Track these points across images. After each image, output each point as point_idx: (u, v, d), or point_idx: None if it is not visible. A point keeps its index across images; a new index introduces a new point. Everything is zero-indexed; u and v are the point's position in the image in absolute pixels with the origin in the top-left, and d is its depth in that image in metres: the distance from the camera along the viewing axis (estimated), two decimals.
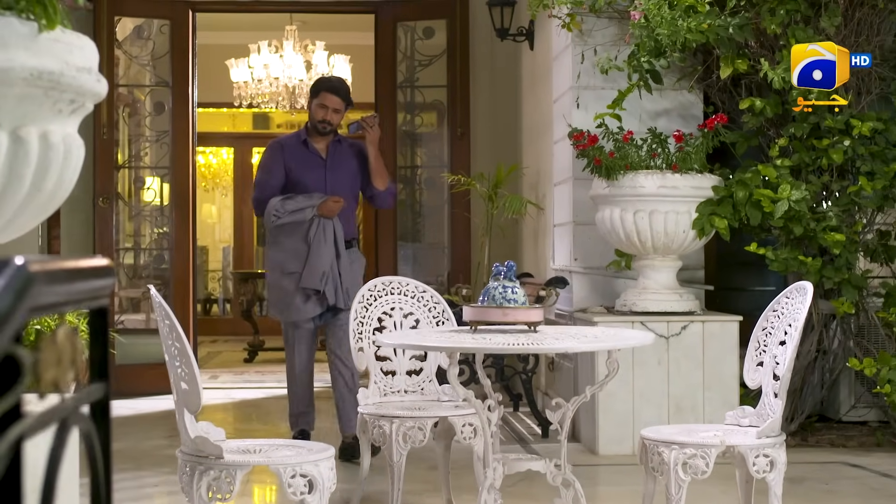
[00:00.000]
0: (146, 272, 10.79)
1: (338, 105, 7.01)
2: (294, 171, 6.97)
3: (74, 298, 1.61)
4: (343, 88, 7.11)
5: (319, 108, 6.98)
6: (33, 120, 2.54)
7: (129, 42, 10.55)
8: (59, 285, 1.52)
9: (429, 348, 4.34)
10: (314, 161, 7.01)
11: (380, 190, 7.14)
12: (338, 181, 6.99)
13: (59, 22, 2.57)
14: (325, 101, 6.98)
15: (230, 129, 17.59)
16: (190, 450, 4.12)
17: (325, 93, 7.01)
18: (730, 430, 4.67)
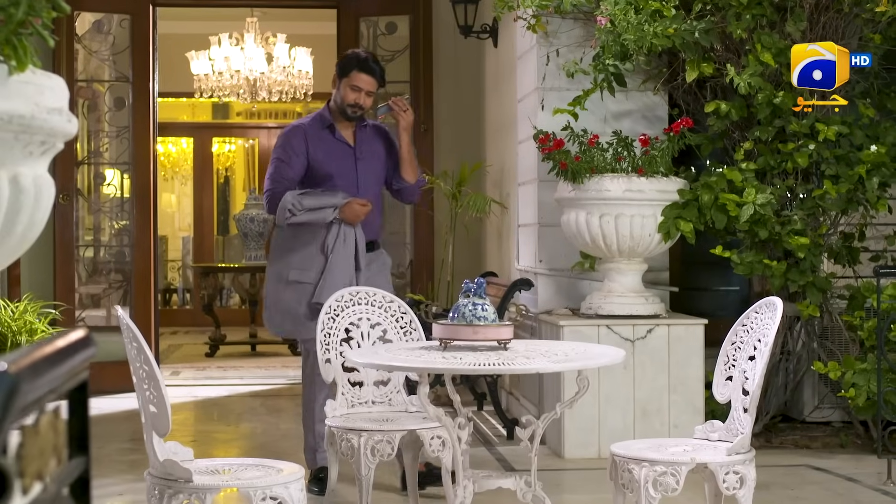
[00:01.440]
0: (107, 268, 10.70)
1: (371, 86, 6.16)
2: (319, 162, 6.16)
3: (57, 385, 1.58)
4: (378, 67, 6.21)
5: (351, 90, 6.11)
6: (2, 163, 2.49)
7: (88, 37, 10.44)
8: (42, 377, 1.49)
9: (399, 369, 4.31)
10: (342, 150, 6.21)
11: (409, 183, 6.34)
12: (369, 172, 6.25)
13: (30, 62, 2.52)
14: (358, 82, 6.11)
15: (189, 118, 17.48)
16: (159, 472, 4.08)
17: (357, 72, 6.12)
18: (699, 444, 4.66)
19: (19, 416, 1.36)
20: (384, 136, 6.38)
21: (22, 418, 1.39)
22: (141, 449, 7.05)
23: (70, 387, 1.68)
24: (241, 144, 17.84)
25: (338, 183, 6.13)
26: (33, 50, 2.57)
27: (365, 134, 6.28)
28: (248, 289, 13.67)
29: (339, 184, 6.12)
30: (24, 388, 1.35)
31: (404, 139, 6.23)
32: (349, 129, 6.25)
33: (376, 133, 6.36)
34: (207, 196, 17.40)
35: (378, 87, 6.22)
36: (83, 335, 1.80)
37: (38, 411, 1.50)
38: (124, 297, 10.46)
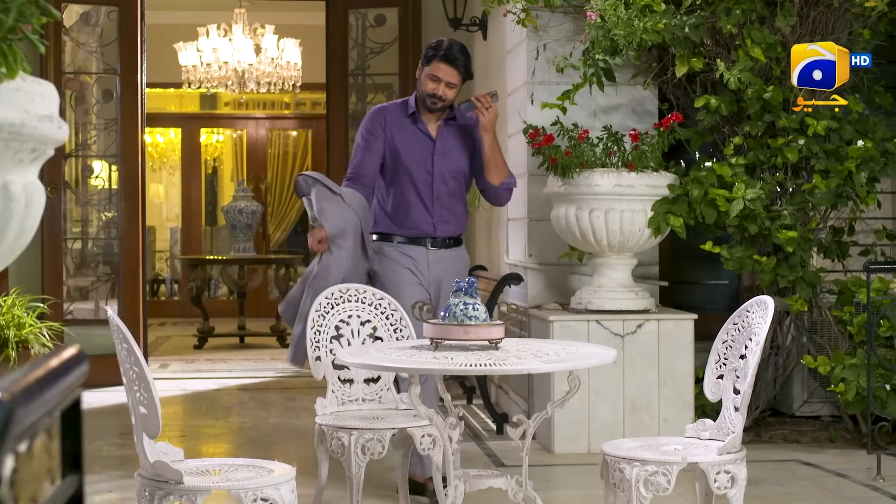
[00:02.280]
0: (95, 260, 10.67)
1: (453, 79, 5.79)
2: (397, 150, 5.86)
3: (51, 407, 1.56)
4: (462, 59, 5.80)
5: (430, 80, 5.78)
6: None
7: (76, 29, 10.40)
8: (37, 401, 1.48)
9: (391, 369, 4.30)
10: (421, 142, 5.89)
11: (492, 184, 5.96)
12: (447, 167, 5.89)
13: (20, 68, 2.50)
14: (438, 72, 5.77)
15: (177, 108, 17.44)
16: (149, 474, 4.07)
17: (438, 62, 5.77)
18: (690, 443, 4.66)
19: (15, 444, 1.35)
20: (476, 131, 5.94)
21: (17, 445, 1.38)
22: (129, 444, 7.03)
23: (63, 407, 1.66)
24: (229, 135, 17.80)
25: (412, 175, 5.86)
26: (23, 55, 2.55)
27: (451, 128, 5.94)
28: (236, 280, 13.64)
29: (414, 176, 5.86)
30: (20, 415, 1.34)
31: (485, 139, 5.81)
32: (434, 122, 5.93)
33: (467, 128, 5.98)
34: (195, 186, 17.35)
35: (462, 80, 5.85)
36: (75, 353, 1.79)
37: (32, 435, 1.49)
38: (112, 289, 10.43)
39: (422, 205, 5.89)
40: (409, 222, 5.91)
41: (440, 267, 5.90)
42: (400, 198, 5.91)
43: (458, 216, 6.00)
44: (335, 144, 10.66)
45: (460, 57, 5.77)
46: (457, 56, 5.76)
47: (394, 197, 5.92)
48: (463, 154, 5.94)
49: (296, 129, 17.64)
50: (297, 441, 7.65)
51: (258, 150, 17.43)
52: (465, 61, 5.79)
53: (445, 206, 5.90)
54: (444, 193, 5.89)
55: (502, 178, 5.94)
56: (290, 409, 8.81)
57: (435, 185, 5.88)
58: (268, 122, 17.50)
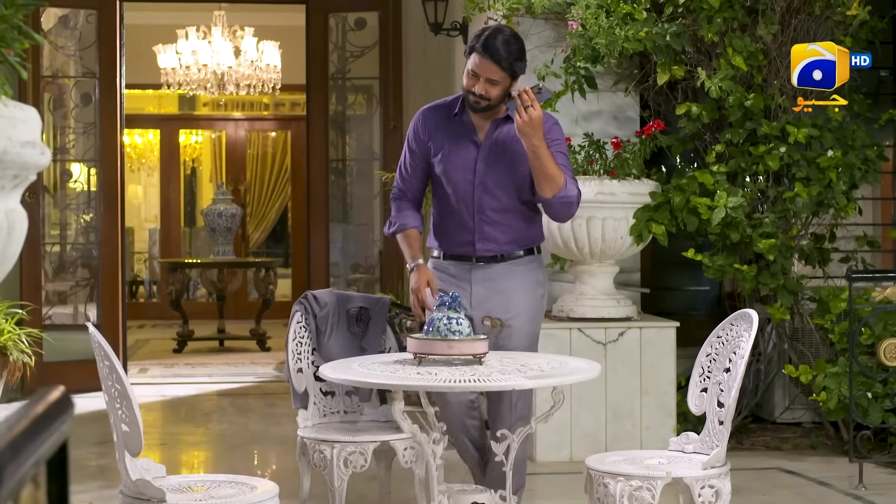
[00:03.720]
0: (74, 264, 10.61)
1: (494, 74, 4.74)
2: (438, 154, 4.97)
3: (39, 456, 1.54)
4: (504, 51, 4.71)
5: (469, 76, 4.80)
6: None
7: (54, 32, 10.34)
8: (24, 453, 1.45)
9: (373, 385, 4.27)
10: (464, 145, 4.93)
11: (545, 197, 4.81)
12: (493, 177, 4.91)
13: (3, 93, 2.47)
14: (476, 68, 4.75)
15: (156, 110, 17.37)
16: (131, 492, 4.04)
17: (478, 56, 4.74)
18: (674, 457, 4.66)
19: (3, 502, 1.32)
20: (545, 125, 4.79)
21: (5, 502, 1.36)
22: (109, 453, 7.03)
23: (50, 453, 1.64)
24: (207, 136, 17.75)
25: (454, 184, 4.95)
26: (5, 79, 2.52)
27: (503, 129, 4.91)
28: (215, 283, 13.59)
29: (455, 185, 4.95)
30: (8, 473, 1.32)
31: (526, 144, 4.66)
32: (485, 122, 4.94)
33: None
34: (174, 188, 17.28)
35: (508, 76, 4.77)
36: (60, 395, 1.76)
37: (19, 488, 1.46)
38: (91, 293, 10.38)
39: (461, 219, 4.98)
40: (450, 238, 5.06)
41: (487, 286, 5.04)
42: (442, 210, 5.05)
43: (510, 232, 4.99)
44: (315, 148, 10.63)
45: (502, 49, 4.71)
46: (497, 48, 4.70)
47: (437, 209, 5.09)
48: (516, 161, 4.87)
49: (275, 130, 17.60)
50: (278, 449, 7.62)
51: (237, 151, 17.38)
52: (508, 54, 4.72)
53: (492, 222, 4.94)
54: (490, 208, 4.92)
55: (555, 190, 4.75)
56: (271, 416, 8.77)
57: (476, 197, 4.92)
58: (247, 124, 17.45)
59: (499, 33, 4.78)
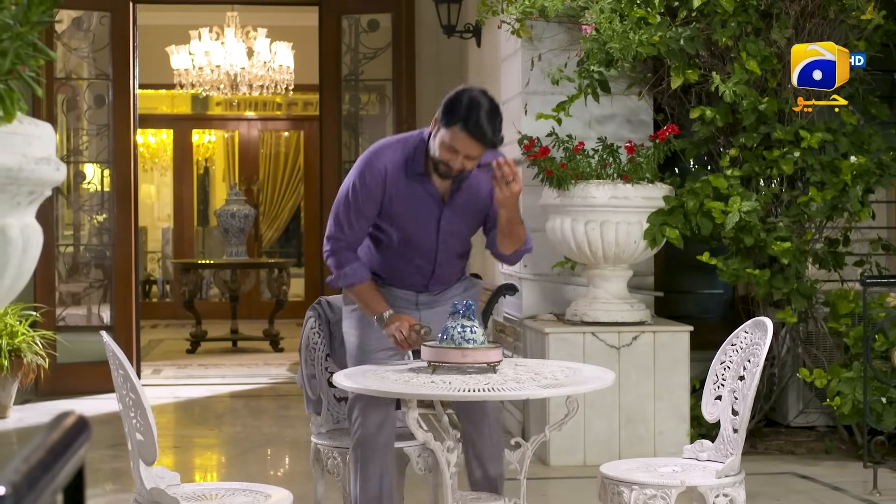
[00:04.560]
0: (87, 266, 10.62)
1: (475, 152, 4.46)
2: (394, 216, 4.72)
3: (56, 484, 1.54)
4: (490, 131, 4.40)
5: (446, 149, 4.46)
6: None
7: (67, 34, 10.36)
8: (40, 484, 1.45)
9: (387, 394, 4.27)
10: (426, 204, 4.68)
11: (503, 253, 4.79)
12: (453, 231, 4.76)
13: (17, 110, 2.47)
14: (458, 145, 4.44)
15: (169, 109, 17.39)
16: (145, 501, 4.04)
17: (462, 133, 4.40)
18: (688, 465, 4.65)
19: None
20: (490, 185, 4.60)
21: None
22: (122, 456, 7.04)
23: (66, 481, 1.64)
24: (220, 135, 17.77)
25: (413, 242, 4.77)
26: (20, 95, 2.52)
27: (464, 186, 4.70)
28: (228, 283, 13.60)
29: (415, 243, 4.77)
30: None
31: (502, 216, 4.57)
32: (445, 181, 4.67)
33: (480, 181, 4.70)
34: (187, 187, 17.30)
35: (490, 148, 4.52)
36: (75, 420, 1.76)
37: None
38: (105, 294, 10.39)
39: (419, 271, 4.87)
40: (400, 278, 4.90)
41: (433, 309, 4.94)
42: (391, 257, 4.86)
43: (458, 269, 4.99)
44: (328, 149, 10.63)
45: (487, 128, 4.40)
46: (483, 128, 4.39)
47: (384, 254, 4.88)
48: (474, 213, 4.77)
49: (287, 130, 17.62)
50: (291, 452, 7.63)
51: (250, 150, 17.39)
52: (493, 131, 4.43)
53: (445, 266, 4.87)
54: (447, 259, 4.84)
55: (517, 246, 4.76)
56: (284, 418, 8.78)
57: (439, 253, 4.80)
58: (259, 123, 17.46)
59: (479, 107, 4.41)
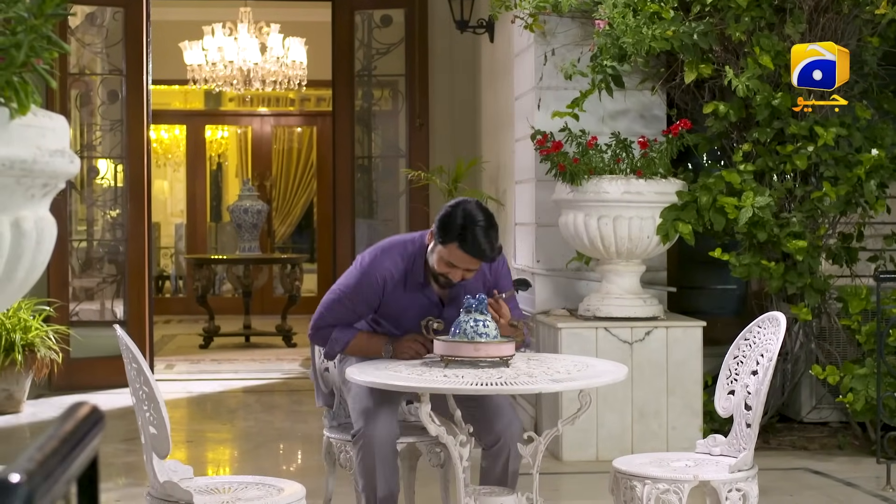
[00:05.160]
0: (101, 261, 10.65)
1: (473, 265, 4.61)
2: (392, 310, 4.81)
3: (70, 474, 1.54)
4: (490, 249, 4.54)
5: (445, 265, 4.60)
6: (5, 208, 2.45)
7: (81, 29, 10.37)
8: (55, 474, 1.45)
9: (400, 388, 4.28)
10: (425, 306, 4.78)
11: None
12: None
13: (32, 103, 2.47)
14: (456, 261, 4.58)
15: (182, 105, 17.40)
16: (159, 494, 4.05)
17: (459, 251, 4.53)
18: (701, 459, 4.65)
19: None
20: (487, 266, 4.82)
21: None
22: (135, 450, 7.05)
23: (80, 471, 1.64)
24: (233, 131, 17.78)
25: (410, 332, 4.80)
26: (34, 88, 2.53)
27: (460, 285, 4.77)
28: (241, 279, 13.62)
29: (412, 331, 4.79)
30: (39, 495, 1.32)
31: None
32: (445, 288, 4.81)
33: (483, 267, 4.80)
34: (200, 183, 17.32)
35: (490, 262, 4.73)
36: (89, 411, 1.77)
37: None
38: (118, 289, 10.41)
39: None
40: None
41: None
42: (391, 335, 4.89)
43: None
44: (341, 145, 10.63)
45: (486, 246, 4.52)
46: (482, 247, 4.52)
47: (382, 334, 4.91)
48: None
49: (300, 126, 17.63)
50: (304, 447, 7.64)
51: (263, 146, 17.40)
52: (492, 249, 4.55)
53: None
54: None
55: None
56: (296, 413, 8.79)
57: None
58: (272, 119, 17.47)
59: (474, 224, 4.51)
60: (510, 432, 4.66)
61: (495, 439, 4.64)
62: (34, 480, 1.32)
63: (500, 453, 4.66)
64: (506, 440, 4.64)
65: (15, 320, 8.65)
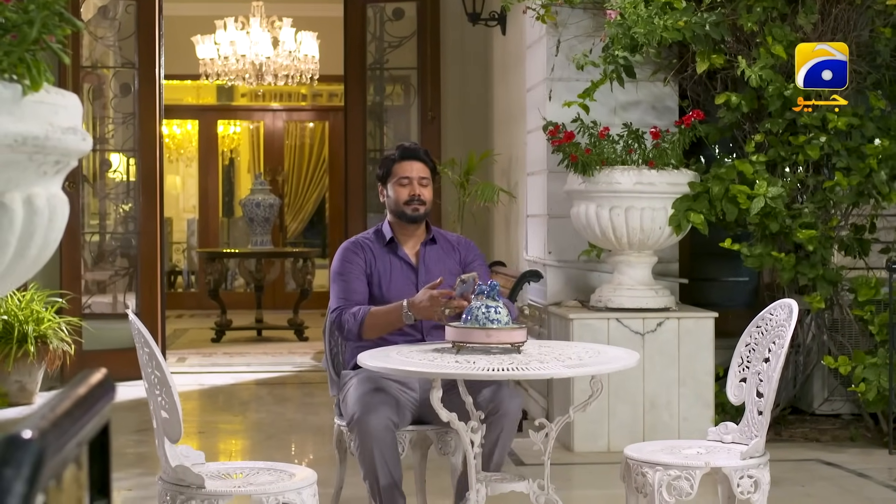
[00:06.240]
0: (113, 254, 10.67)
1: (422, 171, 5.06)
2: (376, 285, 5.03)
3: (81, 438, 1.54)
4: (422, 149, 5.19)
5: (401, 185, 5.03)
6: (17, 185, 2.45)
7: (93, 22, 10.39)
8: (66, 435, 1.46)
9: (412, 374, 4.28)
10: (403, 272, 5.06)
11: None
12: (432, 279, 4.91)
13: (44, 80, 2.48)
14: (406, 172, 5.04)
15: (194, 100, 17.42)
16: (171, 478, 4.06)
17: (402, 162, 5.06)
18: (713, 447, 4.64)
19: (46, 482, 1.33)
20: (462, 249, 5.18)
21: (48, 482, 1.36)
22: (148, 441, 7.07)
23: (92, 436, 1.65)
24: (245, 126, 17.80)
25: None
26: (46, 66, 2.53)
27: (432, 251, 5.12)
28: (253, 273, 13.65)
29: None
30: (50, 454, 1.32)
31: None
32: (412, 241, 5.13)
33: (450, 248, 5.17)
34: (212, 178, 17.34)
35: (432, 172, 5.13)
36: (102, 378, 1.77)
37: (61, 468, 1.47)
38: (130, 283, 10.43)
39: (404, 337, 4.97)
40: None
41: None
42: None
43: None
44: (353, 139, 10.64)
45: (418, 148, 5.17)
46: (416, 149, 5.14)
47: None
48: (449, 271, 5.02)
49: (312, 121, 17.64)
50: (315, 438, 7.65)
51: (275, 141, 17.42)
52: (426, 152, 5.17)
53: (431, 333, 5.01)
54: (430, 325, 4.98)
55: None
56: (308, 405, 8.80)
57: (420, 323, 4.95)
58: (285, 114, 17.49)
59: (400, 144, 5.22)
60: (510, 403, 4.64)
61: (494, 408, 4.61)
62: (46, 438, 1.33)
63: (496, 423, 4.62)
64: (504, 409, 4.60)
65: (28, 312, 8.66)
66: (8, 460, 1.25)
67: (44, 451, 1.29)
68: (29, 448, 1.27)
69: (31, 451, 1.26)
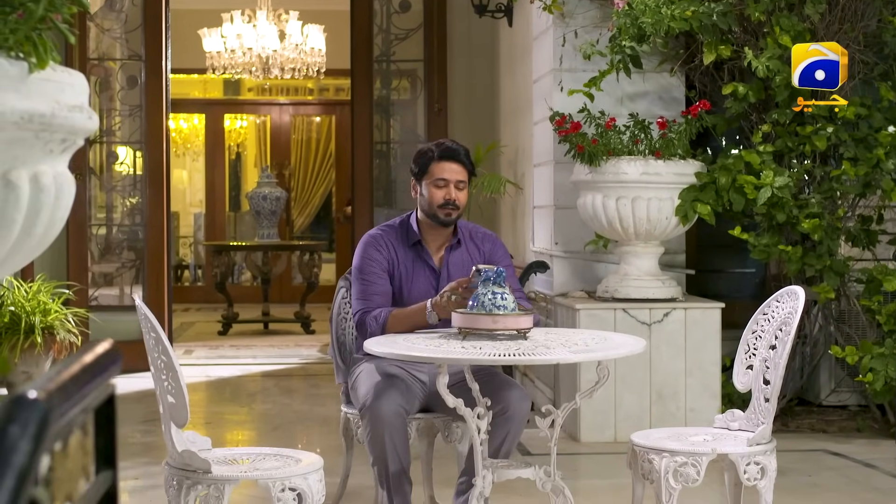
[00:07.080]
0: (120, 246, 10.67)
1: (461, 175, 4.84)
2: (398, 279, 4.91)
3: (86, 403, 1.55)
4: (462, 149, 4.92)
5: (437, 187, 4.81)
6: (23, 162, 2.46)
7: (100, 15, 10.39)
8: (72, 399, 1.46)
9: (418, 359, 4.28)
10: (423, 273, 4.93)
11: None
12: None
13: (50, 58, 2.48)
14: (444, 173, 4.82)
15: (201, 94, 17.42)
16: (177, 463, 4.06)
17: (441, 162, 4.83)
18: (719, 434, 4.64)
19: (51, 444, 1.33)
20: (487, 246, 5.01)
21: (53, 444, 1.37)
22: (155, 431, 7.08)
23: (98, 403, 1.65)
24: (252, 121, 17.80)
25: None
26: (53, 45, 2.53)
27: (458, 255, 4.95)
28: (260, 266, 13.66)
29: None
30: (55, 415, 1.32)
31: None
32: (437, 242, 4.96)
33: (475, 248, 4.99)
34: (219, 172, 17.34)
35: (470, 175, 4.91)
36: (109, 348, 1.77)
37: (67, 433, 1.47)
38: (137, 275, 10.44)
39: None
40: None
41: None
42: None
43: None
44: (359, 132, 10.63)
45: (459, 148, 4.89)
46: (457, 148, 4.87)
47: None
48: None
49: (319, 115, 17.63)
50: (321, 429, 7.65)
51: (282, 135, 17.42)
52: (465, 152, 4.90)
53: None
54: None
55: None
56: (314, 396, 8.81)
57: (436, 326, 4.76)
58: (291, 108, 17.48)
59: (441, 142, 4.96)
60: (518, 406, 4.64)
61: (503, 409, 4.61)
62: (52, 400, 1.33)
63: (504, 424, 4.62)
64: (513, 412, 4.61)
65: (34, 303, 8.66)
66: (14, 419, 1.25)
67: (49, 412, 1.29)
68: (35, 407, 1.27)
69: (37, 410, 1.27)
